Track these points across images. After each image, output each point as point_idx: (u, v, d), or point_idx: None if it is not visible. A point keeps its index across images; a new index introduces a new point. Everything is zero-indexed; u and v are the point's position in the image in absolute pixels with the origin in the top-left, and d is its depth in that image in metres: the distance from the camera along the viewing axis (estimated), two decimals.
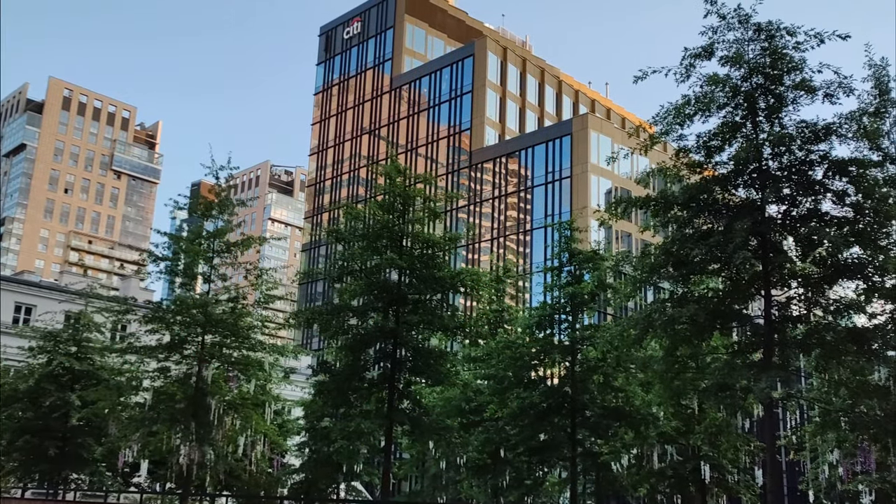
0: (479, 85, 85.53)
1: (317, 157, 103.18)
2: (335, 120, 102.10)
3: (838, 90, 18.28)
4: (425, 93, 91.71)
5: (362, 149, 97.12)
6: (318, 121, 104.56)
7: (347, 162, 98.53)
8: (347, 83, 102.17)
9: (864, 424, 22.08)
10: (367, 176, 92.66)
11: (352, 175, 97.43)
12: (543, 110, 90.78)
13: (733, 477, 31.94)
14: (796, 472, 51.33)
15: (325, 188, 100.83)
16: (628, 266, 22.30)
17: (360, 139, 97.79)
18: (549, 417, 28.88)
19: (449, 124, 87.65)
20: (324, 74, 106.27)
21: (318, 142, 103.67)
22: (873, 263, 18.77)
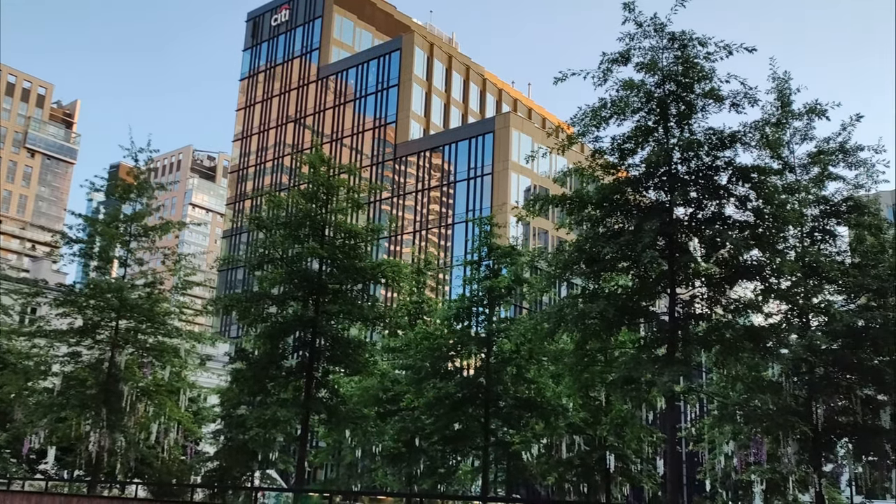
0: (406, 79, 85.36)
1: (241, 143, 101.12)
2: (261, 107, 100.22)
3: (744, 100, 18.97)
4: (352, 84, 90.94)
5: (287, 137, 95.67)
6: (244, 107, 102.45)
7: (272, 150, 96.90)
8: (274, 71, 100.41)
9: (757, 418, 23.09)
10: (291, 164, 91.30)
11: (276, 163, 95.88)
12: (468, 107, 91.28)
13: (636, 466, 32.95)
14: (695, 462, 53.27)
15: (248, 175, 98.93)
16: (543, 262, 22.65)
17: (286, 127, 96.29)
18: (464, 407, 29.17)
19: (375, 116, 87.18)
20: (250, 61, 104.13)
21: (242, 128, 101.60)
22: (771, 266, 19.59)
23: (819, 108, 23.16)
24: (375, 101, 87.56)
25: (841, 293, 23.98)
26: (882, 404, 23.26)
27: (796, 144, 24.11)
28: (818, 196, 23.80)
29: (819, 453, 23.97)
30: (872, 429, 23.10)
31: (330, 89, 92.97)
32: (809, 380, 22.90)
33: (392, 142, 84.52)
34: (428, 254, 71.64)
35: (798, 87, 23.61)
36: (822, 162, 23.74)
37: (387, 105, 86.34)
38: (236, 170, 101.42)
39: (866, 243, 23.89)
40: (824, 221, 23.89)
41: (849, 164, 23.76)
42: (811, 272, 22.53)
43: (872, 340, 22.65)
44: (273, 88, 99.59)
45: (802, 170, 24.08)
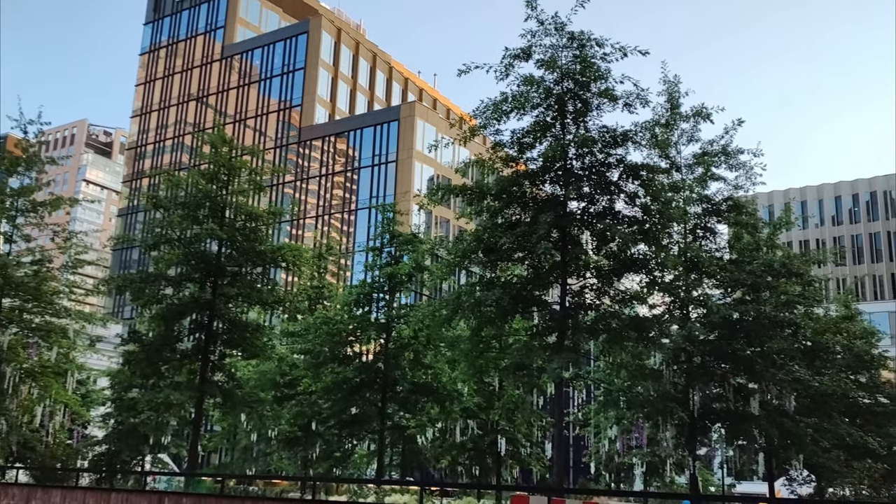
0: (312, 63, 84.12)
1: (139, 119, 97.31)
2: (161, 83, 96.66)
3: (636, 101, 19.71)
4: (257, 65, 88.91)
5: (188, 115, 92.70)
6: (143, 82, 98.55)
7: (172, 128, 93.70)
8: (176, 47, 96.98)
9: (639, 403, 24.20)
10: (192, 144, 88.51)
11: (176, 141, 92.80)
12: (374, 94, 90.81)
13: (526, 450, 33.88)
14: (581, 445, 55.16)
15: (146, 152, 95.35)
16: (443, 250, 22.97)
17: (187, 105, 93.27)
18: (362, 392, 29.25)
19: (280, 99, 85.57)
20: (151, 35, 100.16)
21: (141, 104, 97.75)
22: (656, 260, 20.52)
23: (704, 111, 24.40)
24: (281, 84, 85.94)
25: (719, 287, 25.38)
26: (752, 392, 24.76)
27: (683, 145, 25.32)
28: (701, 195, 25.07)
29: (695, 438, 25.34)
30: (743, 415, 24.57)
31: (234, 69, 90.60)
32: (688, 368, 24.16)
33: (297, 125, 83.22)
34: (330, 239, 71.13)
35: (686, 91, 24.79)
36: (706, 163, 25.01)
37: (292, 88, 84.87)
38: (134, 147, 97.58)
39: (743, 241, 25.36)
40: (706, 219, 25.20)
41: (730, 165, 25.15)
42: (692, 267, 23.75)
43: (746, 332, 24.10)
44: (175, 65, 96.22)
45: (688, 169, 25.29)
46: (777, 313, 24.29)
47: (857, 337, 32.61)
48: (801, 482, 35.42)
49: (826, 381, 27.53)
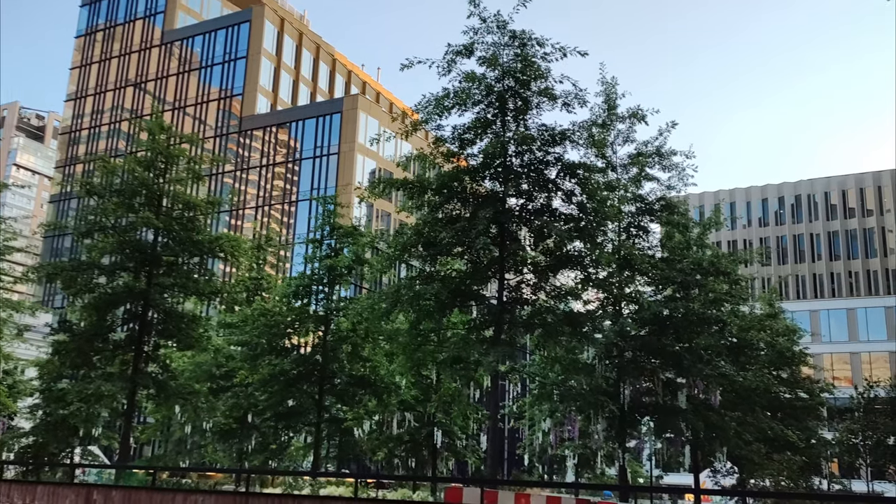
0: (255, 52, 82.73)
1: (74, 104, 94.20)
2: (98, 67, 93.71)
3: (575, 100, 19.97)
4: (198, 52, 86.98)
5: (125, 101, 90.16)
6: (79, 66, 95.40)
7: (108, 113, 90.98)
8: (114, 30, 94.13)
9: (572, 397, 24.62)
10: (129, 130, 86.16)
11: (112, 127, 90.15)
12: (316, 86, 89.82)
13: (462, 442, 34.11)
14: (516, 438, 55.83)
15: (80, 138, 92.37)
16: (383, 243, 22.90)
17: (124, 91, 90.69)
18: (299, 384, 29.00)
19: (220, 87, 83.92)
20: (88, 17, 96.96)
21: (76, 88, 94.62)
22: (591, 257, 20.87)
23: (640, 113, 24.90)
24: (222, 72, 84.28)
25: (650, 284, 25.97)
26: (680, 386, 25.44)
27: (619, 145, 25.79)
28: (635, 194, 25.59)
29: (624, 430, 25.89)
30: (671, 408, 25.22)
31: (174, 55, 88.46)
32: (619, 363, 24.67)
33: (238, 114, 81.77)
34: (270, 230, 70.19)
35: (623, 93, 25.26)
36: (641, 163, 25.54)
37: (234, 77, 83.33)
38: (68, 131, 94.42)
39: (674, 240, 26.00)
40: (639, 218, 25.74)
41: (663, 166, 25.73)
42: (626, 264, 24.23)
43: (675, 328, 24.74)
44: (112, 49, 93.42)
45: (623, 169, 25.78)
46: (705, 310, 24.98)
47: (780, 334, 33.82)
48: (724, 474, 36.57)
49: (750, 376, 28.45)
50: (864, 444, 53.68)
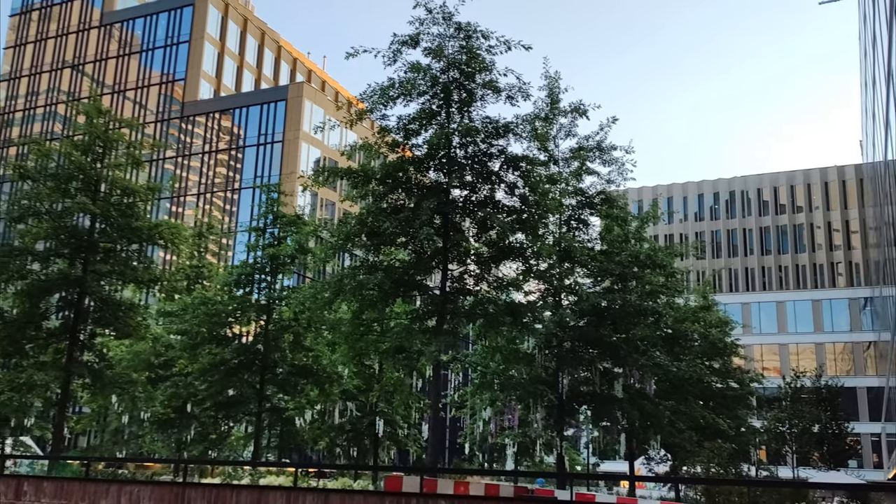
0: (198, 36, 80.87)
1: (8, 84, 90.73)
2: (33, 48, 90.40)
3: (518, 94, 20.09)
4: (139, 35, 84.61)
5: (62, 83, 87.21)
6: (13, 45, 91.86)
7: (44, 95, 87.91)
8: (50, 10, 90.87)
9: (512, 386, 24.87)
10: (65, 113, 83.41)
11: (48, 110, 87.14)
12: (261, 72, 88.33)
13: (403, 431, 34.19)
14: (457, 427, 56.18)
15: (14, 119, 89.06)
16: (327, 232, 22.71)
17: (61, 73, 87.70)
18: (240, 373, 28.64)
19: (162, 71, 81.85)
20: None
21: (10, 68, 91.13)
22: (532, 248, 21.08)
23: (582, 108, 25.20)
24: (164, 56, 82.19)
25: (589, 276, 26.39)
26: (616, 376, 25.93)
27: (561, 139, 26.08)
28: (576, 188, 25.94)
29: (563, 419, 26.29)
30: (608, 398, 25.69)
31: (114, 38, 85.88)
32: (558, 353, 25.01)
33: (180, 99, 79.92)
34: (211, 218, 68.94)
35: (566, 87, 25.52)
36: (582, 157, 25.87)
37: (176, 61, 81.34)
38: (1, 113, 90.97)
39: (613, 233, 26.44)
40: (580, 211, 26.10)
41: (603, 161, 26.13)
42: (566, 256, 24.56)
43: (612, 319, 25.18)
44: (48, 29, 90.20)
45: (564, 163, 26.08)
46: (641, 302, 25.49)
47: (713, 326, 34.72)
48: (658, 461, 37.45)
49: (684, 366, 29.15)
50: (790, 432, 55.73)
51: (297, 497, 8.79)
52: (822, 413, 58.64)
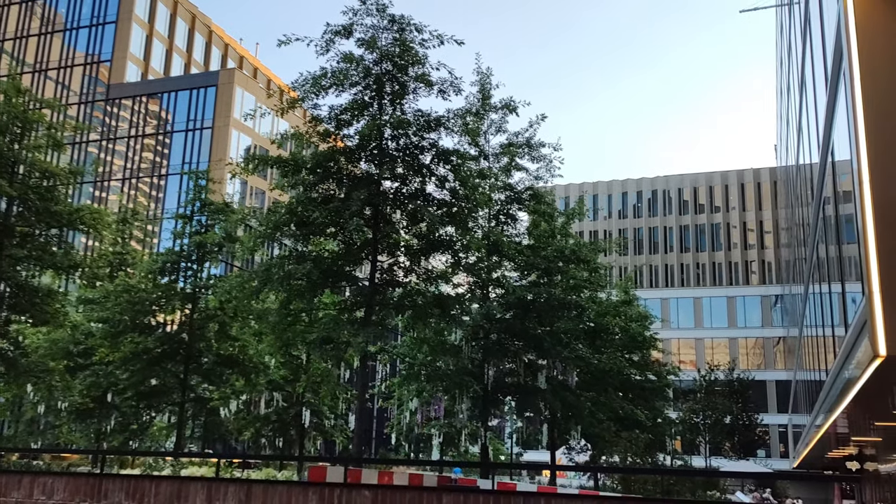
0: (125, 17, 78.09)
1: None
2: None
3: (450, 88, 20.04)
4: (63, 13, 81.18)
5: None
6: None
7: None
8: None
9: (439, 377, 24.95)
10: None
11: None
12: (191, 57, 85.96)
13: (330, 422, 33.93)
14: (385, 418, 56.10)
15: None
16: (255, 221, 22.28)
17: None
18: (163, 363, 27.92)
19: (87, 52, 78.76)
20: None
21: None
22: (461, 242, 21.11)
23: (512, 104, 25.40)
24: (89, 36, 79.09)
25: (516, 270, 26.67)
26: (540, 368, 26.31)
27: (491, 135, 26.25)
28: (505, 183, 26.16)
29: (488, 410, 26.52)
30: (532, 389, 26.05)
31: (36, 14, 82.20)
32: (485, 344, 25.21)
33: (105, 81, 77.11)
34: (137, 203, 66.90)
35: (497, 84, 25.67)
36: (511, 153, 26.09)
37: (102, 41, 78.40)
38: None
39: (540, 228, 26.79)
40: (508, 206, 26.35)
41: (532, 157, 26.42)
42: (494, 250, 24.75)
43: (538, 312, 25.52)
44: None
45: (494, 158, 26.27)
46: (566, 296, 25.90)
47: (633, 320, 35.54)
48: (578, 451, 38.21)
49: (604, 359, 29.79)
50: (703, 423, 57.66)
51: (219, 488, 8.58)
52: (734, 405, 60.89)
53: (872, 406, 11.32)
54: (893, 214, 6.31)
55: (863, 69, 6.73)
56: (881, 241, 6.25)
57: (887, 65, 6.74)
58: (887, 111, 6.63)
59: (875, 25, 6.82)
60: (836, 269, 10.43)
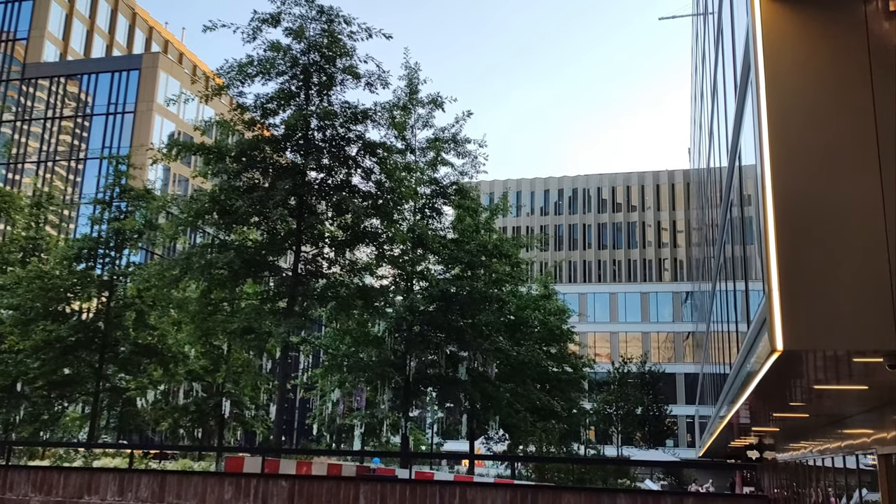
0: None
1: None
2: None
3: (378, 81, 19.95)
4: None
5: None
6: None
7: None
8: None
9: (361, 368, 24.82)
10: None
11: None
12: (113, 39, 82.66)
13: (251, 412, 33.30)
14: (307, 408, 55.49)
15: None
16: (177, 208, 21.66)
17: None
18: (77, 352, 26.87)
19: (1, 28, 74.83)
20: None
21: None
22: (386, 234, 21.04)
23: (439, 100, 25.47)
24: (4, 12, 75.14)
25: (440, 263, 26.76)
26: (461, 359, 26.49)
27: (418, 129, 26.24)
28: (431, 177, 26.20)
29: (409, 400, 26.55)
30: (453, 380, 26.21)
31: None
32: (407, 336, 25.22)
33: (21, 60, 73.41)
34: (52, 187, 64.03)
35: (425, 79, 25.68)
36: (437, 148, 26.15)
37: (17, 18, 74.57)
38: None
39: (464, 223, 26.94)
40: (434, 200, 26.40)
41: (458, 153, 26.55)
42: (419, 243, 24.76)
43: (460, 305, 25.68)
44: None
45: (421, 153, 26.27)
46: (488, 289, 26.14)
47: (552, 314, 36.13)
48: (497, 440, 38.67)
49: (523, 351, 30.20)
50: (616, 414, 59.26)
51: (131, 480, 8.31)
52: (645, 396, 62.77)
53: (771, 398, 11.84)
54: (793, 218, 6.59)
55: (768, 80, 7.00)
56: (781, 243, 6.52)
57: (791, 77, 7.03)
58: (790, 120, 6.92)
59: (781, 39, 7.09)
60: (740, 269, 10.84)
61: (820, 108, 6.74)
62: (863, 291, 6.21)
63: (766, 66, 6.85)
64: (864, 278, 6.23)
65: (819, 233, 6.35)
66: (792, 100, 6.81)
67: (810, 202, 6.46)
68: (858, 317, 6.20)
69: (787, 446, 23.33)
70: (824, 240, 6.34)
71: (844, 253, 6.31)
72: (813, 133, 6.68)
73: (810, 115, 6.74)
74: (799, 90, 6.84)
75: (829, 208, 6.45)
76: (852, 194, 6.47)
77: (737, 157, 10.45)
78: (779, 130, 6.69)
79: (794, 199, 6.47)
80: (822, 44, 6.93)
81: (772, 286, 6.28)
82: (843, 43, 6.91)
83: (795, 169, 6.60)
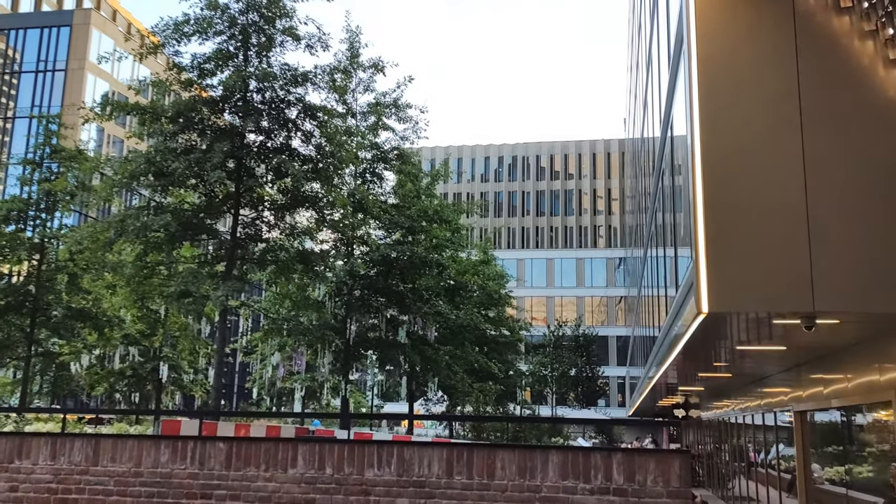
0: None
1: None
2: None
3: (318, 44, 19.51)
4: None
5: None
6: None
7: None
8: None
9: (301, 332, 24.66)
10: None
11: None
12: None
13: (189, 377, 32.83)
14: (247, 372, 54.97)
15: None
16: (110, 170, 20.94)
17: None
18: (7, 316, 25.97)
19: None
20: None
21: None
22: (326, 198, 20.78)
23: (381, 64, 25.10)
24: None
25: (381, 228, 26.65)
26: (401, 323, 26.56)
27: (359, 94, 25.87)
28: (372, 142, 25.91)
29: (349, 364, 26.55)
30: (393, 343, 26.29)
31: None
32: (348, 300, 25.12)
33: None
34: None
35: (366, 43, 25.24)
36: (379, 113, 25.85)
37: None
38: None
39: (405, 188, 26.82)
40: (375, 165, 26.16)
41: (399, 118, 26.29)
42: (359, 208, 24.56)
43: (401, 270, 25.68)
44: None
45: (362, 117, 25.94)
46: (428, 254, 26.18)
47: (491, 279, 36.51)
48: (436, 402, 39.14)
49: (462, 315, 30.47)
50: (551, 375, 60.53)
51: (64, 443, 8.10)
52: (579, 358, 64.22)
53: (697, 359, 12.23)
54: (720, 187, 6.76)
55: (700, 53, 7.10)
56: (708, 211, 6.68)
57: (723, 50, 7.15)
58: (720, 93, 7.05)
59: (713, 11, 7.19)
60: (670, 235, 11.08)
61: (749, 82, 6.90)
62: (783, 256, 6.44)
63: (698, 38, 6.96)
64: (785, 244, 6.46)
65: (744, 202, 6.55)
66: (723, 73, 6.94)
67: (737, 172, 6.64)
68: (778, 281, 6.43)
69: (711, 405, 24.26)
70: (749, 209, 6.54)
71: (767, 221, 6.53)
72: (741, 105, 6.84)
73: (740, 88, 6.89)
74: (730, 63, 6.98)
75: (753, 178, 6.64)
76: (775, 162, 6.68)
77: (669, 127, 10.64)
78: (708, 102, 6.83)
79: (721, 169, 6.63)
80: (752, 16, 7.06)
81: (699, 252, 6.47)
82: (772, 14, 7.05)
83: (724, 140, 6.76)
